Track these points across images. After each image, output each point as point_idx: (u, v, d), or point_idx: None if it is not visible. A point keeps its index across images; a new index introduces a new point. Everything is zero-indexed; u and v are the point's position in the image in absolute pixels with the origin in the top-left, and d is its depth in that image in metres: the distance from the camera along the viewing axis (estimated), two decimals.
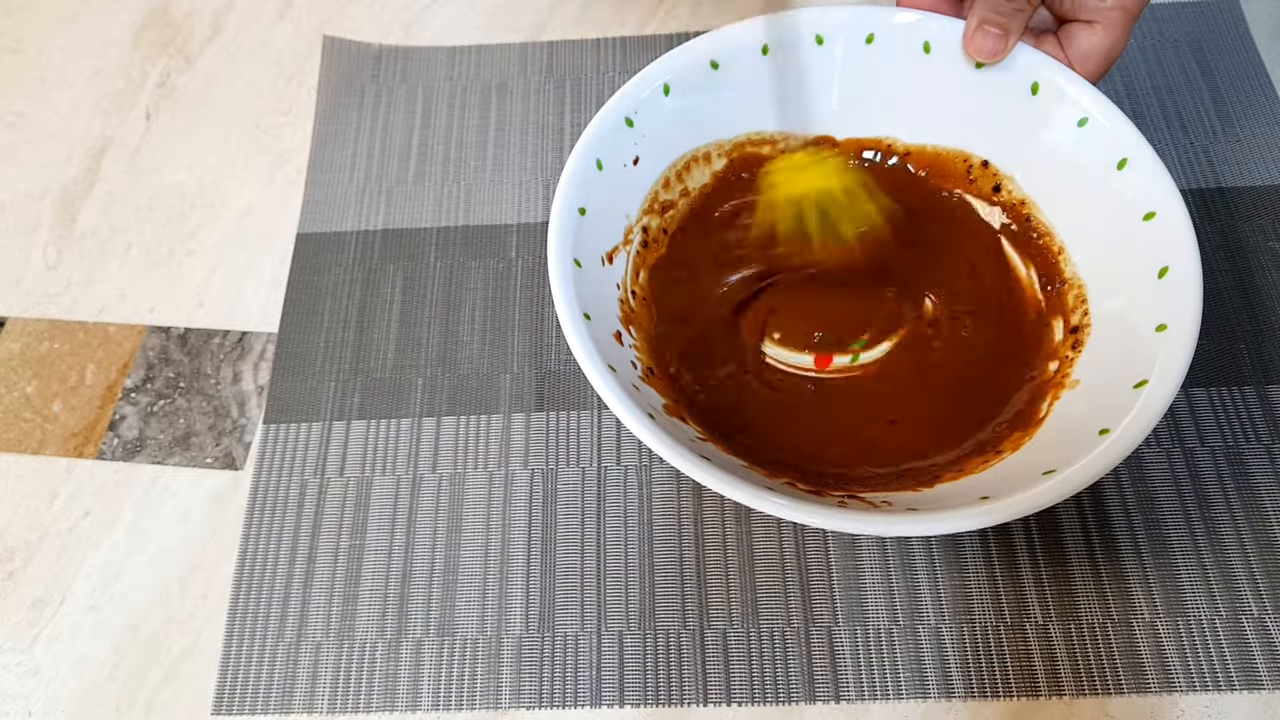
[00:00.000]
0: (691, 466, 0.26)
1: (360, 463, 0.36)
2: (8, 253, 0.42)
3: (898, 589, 0.32)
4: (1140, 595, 0.31)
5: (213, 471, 0.36)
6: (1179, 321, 0.28)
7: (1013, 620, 0.31)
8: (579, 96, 0.43)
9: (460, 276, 0.39)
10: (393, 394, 0.37)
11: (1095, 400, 0.29)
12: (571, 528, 0.34)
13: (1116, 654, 0.30)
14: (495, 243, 0.40)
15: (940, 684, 0.30)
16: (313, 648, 0.32)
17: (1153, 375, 0.27)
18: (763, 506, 0.26)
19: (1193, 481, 0.33)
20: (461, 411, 0.36)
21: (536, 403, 0.36)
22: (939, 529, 0.26)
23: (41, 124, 0.45)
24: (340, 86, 0.44)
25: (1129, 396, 0.27)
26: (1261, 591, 0.31)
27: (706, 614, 0.32)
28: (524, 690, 0.31)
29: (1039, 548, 0.32)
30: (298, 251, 0.40)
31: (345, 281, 0.40)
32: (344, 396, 0.37)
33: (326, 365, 0.38)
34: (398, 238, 0.40)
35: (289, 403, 0.37)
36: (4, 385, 0.39)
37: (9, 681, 0.33)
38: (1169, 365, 0.27)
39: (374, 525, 0.34)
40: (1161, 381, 0.27)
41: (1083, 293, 0.32)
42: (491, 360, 0.37)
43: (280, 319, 0.39)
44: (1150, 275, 0.29)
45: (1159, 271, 0.29)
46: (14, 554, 0.35)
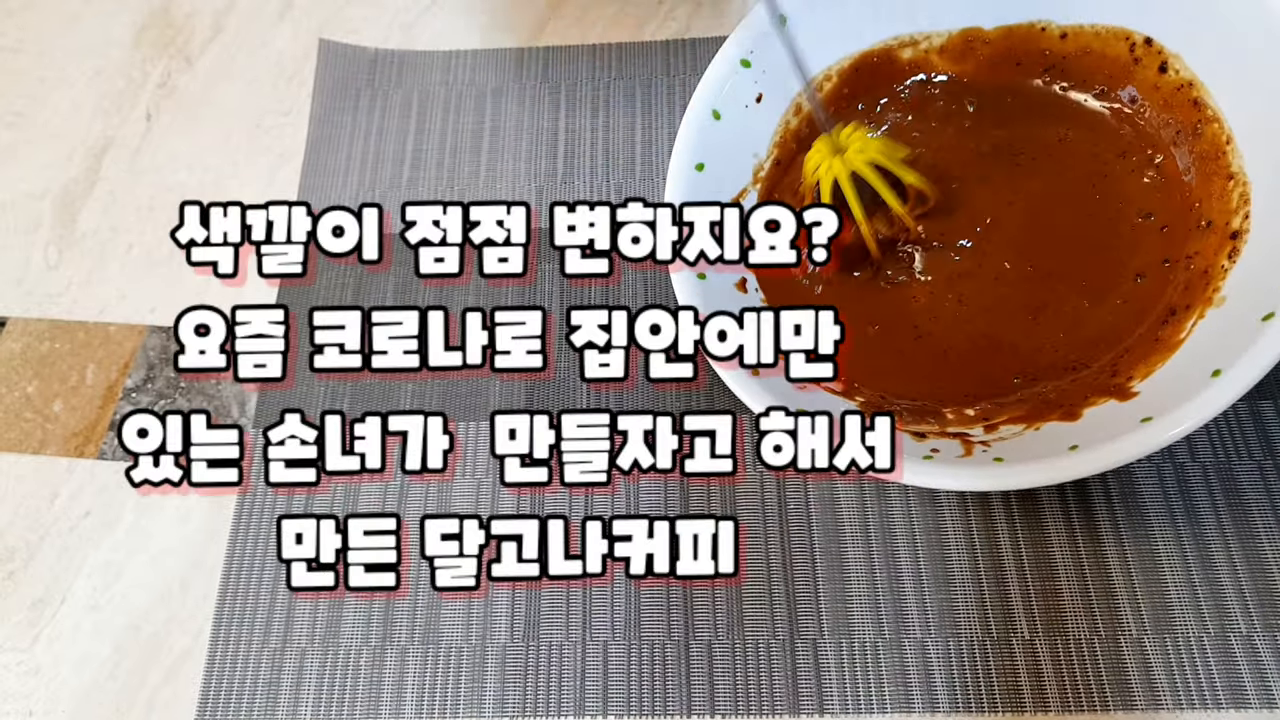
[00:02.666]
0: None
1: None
2: (8, 253, 0.42)
3: (884, 602, 0.32)
4: (1128, 612, 0.31)
5: None
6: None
7: (999, 635, 0.31)
8: (574, 102, 0.43)
9: (453, 284, 0.39)
10: (381, 396, 0.37)
11: (1224, 329, 0.27)
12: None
13: (1103, 671, 0.30)
14: None
15: (925, 698, 0.30)
16: (297, 654, 0.33)
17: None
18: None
19: (1183, 497, 0.33)
20: (451, 416, 0.36)
21: (525, 407, 0.36)
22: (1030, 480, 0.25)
23: (42, 124, 0.45)
24: (336, 90, 0.44)
25: (1253, 330, 0.25)
26: (1250, 609, 0.31)
27: (692, 626, 0.32)
28: (508, 700, 0.31)
29: (1026, 561, 0.32)
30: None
31: (337, 286, 0.40)
32: (333, 401, 0.37)
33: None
34: (389, 243, 0.40)
35: (276, 405, 0.37)
36: (5, 385, 0.39)
37: (9, 681, 0.33)
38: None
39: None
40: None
41: (1247, 192, 0.30)
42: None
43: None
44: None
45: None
46: (15, 554, 0.36)
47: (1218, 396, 0.25)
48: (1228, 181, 0.31)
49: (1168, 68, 0.33)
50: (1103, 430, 0.27)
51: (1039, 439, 0.29)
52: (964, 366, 0.32)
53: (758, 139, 0.34)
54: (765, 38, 0.33)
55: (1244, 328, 0.26)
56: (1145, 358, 0.30)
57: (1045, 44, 0.35)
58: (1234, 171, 0.31)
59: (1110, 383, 0.30)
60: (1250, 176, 0.30)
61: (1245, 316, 0.27)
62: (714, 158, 0.32)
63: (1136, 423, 0.26)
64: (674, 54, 0.43)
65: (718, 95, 0.32)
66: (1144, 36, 0.33)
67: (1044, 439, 0.29)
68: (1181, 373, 0.28)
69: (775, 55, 0.33)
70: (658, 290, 0.37)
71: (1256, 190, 0.30)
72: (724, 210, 0.26)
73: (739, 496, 0.34)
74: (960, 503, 0.33)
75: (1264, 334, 0.26)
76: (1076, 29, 0.35)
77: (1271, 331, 0.25)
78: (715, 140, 0.32)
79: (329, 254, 0.28)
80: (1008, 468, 0.26)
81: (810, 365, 0.26)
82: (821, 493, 0.34)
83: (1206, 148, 0.32)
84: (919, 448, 0.29)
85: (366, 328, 0.27)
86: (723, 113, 0.32)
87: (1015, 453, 0.28)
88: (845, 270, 0.34)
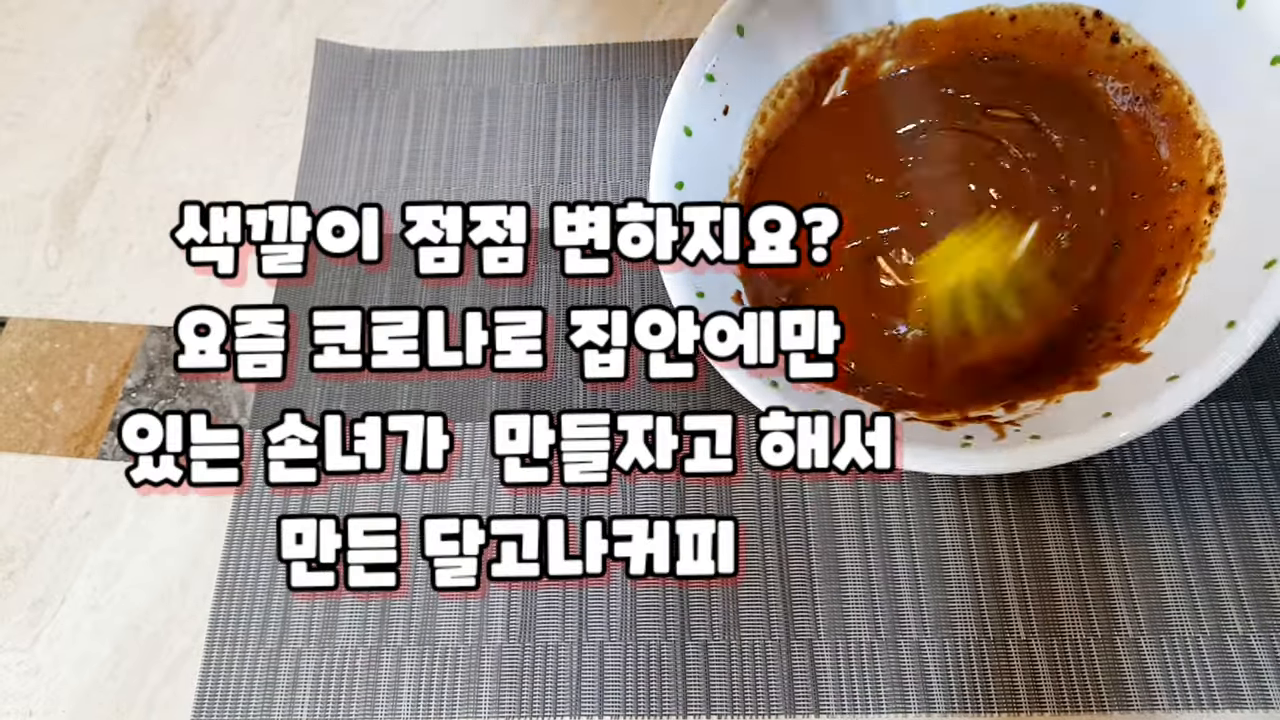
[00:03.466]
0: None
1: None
2: (8, 253, 0.42)
3: (880, 601, 0.32)
4: (1124, 612, 0.31)
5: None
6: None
7: (995, 635, 0.31)
8: (572, 102, 0.43)
9: (449, 284, 0.39)
10: (378, 396, 0.37)
11: (1223, 282, 0.28)
12: None
13: (1099, 671, 0.30)
14: None
15: (921, 698, 0.30)
16: (294, 655, 0.33)
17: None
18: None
19: (1179, 497, 0.33)
20: (448, 416, 0.37)
21: (523, 407, 0.36)
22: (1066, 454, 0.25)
23: (42, 124, 0.45)
24: (333, 91, 0.44)
25: (1258, 279, 0.26)
26: (1246, 609, 0.31)
27: (688, 626, 0.32)
28: (504, 700, 0.32)
29: (1022, 561, 0.32)
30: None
31: (333, 286, 0.40)
32: (329, 400, 0.38)
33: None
34: (386, 243, 0.40)
35: (275, 405, 0.37)
36: (5, 385, 0.39)
37: (9, 681, 0.33)
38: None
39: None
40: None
41: (1217, 148, 0.30)
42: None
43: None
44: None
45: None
46: (14, 554, 0.36)
47: (1239, 344, 0.26)
48: (1195, 140, 0.31)
49: (1119, 37, 0.34)
50: (1129, 394, 0.27)
51: (1065, 412, 0.29)
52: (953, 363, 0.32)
53: (729, 151, 0.35)
54: (725, 51, 0.34)
55: (1248, 277, 0.27)
56: (1146, 319, 0.30)
57: (995, 28, 0.36)
58: (1200, 130, 0.31)
59: (1117, 346, 0.30)
60: (1218, 133, 0.31)
61: (1245, 266, 0.27)
62: (691, 174, 0.32)
63: (1163, 382, 0.26)
64: (671, 54, 0.43)
65: (687, 112, 0.33)
66: (1093, 10, 0.34)
67: (1071, 411, 0.29)
68: (1193, 329, 0.28)
69: (737, 67, 0.34)
70: (657, 290, 0.37)
71: (1227, 145, 0.30)
72: (724, 210, 0.27)
73: (736, 497, 0.34)
74: (956, 501, 0.33)
75: (1271, 280, 0.26)
76: (1025, 10, 0.35)
77: (1278, 276, 0.26)
78: (690, 156, 0.33)
79: (329, 254, 0.28)
80: (1045, 444, 0.26)
81: (810, 365, 0.26)
82: (818, 493, 0.34)
83: (1169, 109, 0.32)
84: (951, 436, 0.29)
85: (366, 328, 0.27)
86: (694, 129, 0.33)
87: (1049, 428, 0.28)
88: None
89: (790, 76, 0.36)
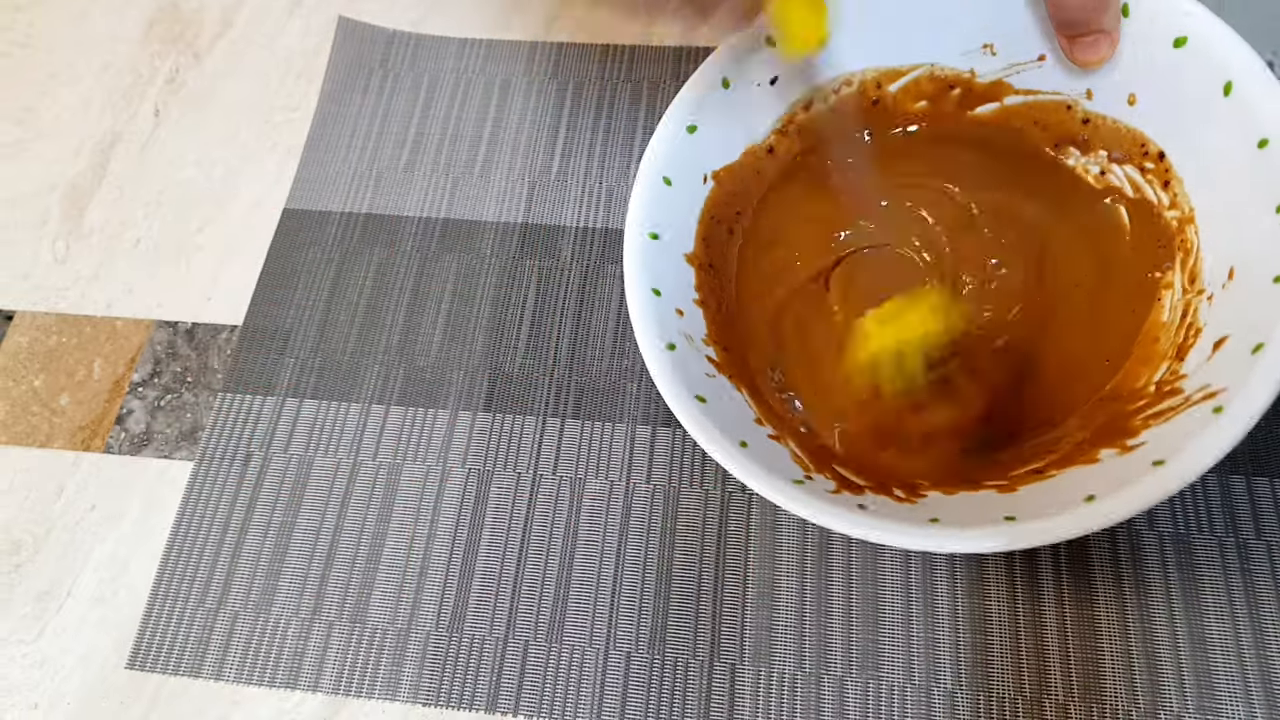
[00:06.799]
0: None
1: (306, 442, 0.36)
2: (17, 247, 0.42)
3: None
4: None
5: None
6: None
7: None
8: (580, 100, 0.43)
9: (432, 269, 0.39)
10: (349, 377, 0.37)
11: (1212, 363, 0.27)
12: (497, 532, 0.34)
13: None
14: (471, 239, 0.40)
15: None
16: (230, 616, 0.33)
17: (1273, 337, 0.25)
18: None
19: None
20: (410, 403, 0.37)
21: (485, 403, 0.36)
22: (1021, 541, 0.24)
23: (51, 119, 0.45)
24: (350, 68, 0.45)
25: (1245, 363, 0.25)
26: (1186, 693, 0.29)
27: (613, 637, 0.32)
28: (423, 686, 0.32)
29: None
30: (281, 226, 0.41)
31: (321, 261, 0.40)
32: (301, 374, 0.38)
33: (290, 341, 0.38)
34: (379, 223, 0.41)
35: (248, 374, 0.38)
36: (12, 379, 0.39)
37: (15, 673, 0.33)
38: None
39: (308, 504, 0.35)
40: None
41: (1196, 230, 0.30)
42: (448, 355, 0.38)
43: (254, 289, 0.40)
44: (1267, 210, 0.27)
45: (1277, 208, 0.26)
46: (21, 547, 0.36)
47: (1230, 427, 0.24)
48: (1174, 223, 0.31)
49: (1090, 121, 0.33)
50: (1107, 480, 0.26)
51: (1054, 487, 0.28)
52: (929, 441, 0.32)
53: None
54: (709, 102, 0.32)
55: (1238, 362, 0.26)
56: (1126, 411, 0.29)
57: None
58: (1184, 213, 0.31)
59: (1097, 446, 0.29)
60: (1199, 216, 0.30)
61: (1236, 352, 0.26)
62: (665, 223, 0.31)
63: (1149, 466, 0.25)
64: (685, 60, 0.43)
65: (668, 163, 0.32)
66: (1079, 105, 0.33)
67: (1060, 487, 0.27)
68: (1184, 418, 0.27)
69: (720, 116, 0.33)
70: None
71: (1205, 227, 0.30)
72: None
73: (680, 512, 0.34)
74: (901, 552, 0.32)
75: (1259, 364, 0.25)
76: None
77: (1267, 358, 0.25)
78: (666, 206, 0.32)
79: None
80: (1021, 524, 0.25)
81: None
82: (764, 514, 0.33)
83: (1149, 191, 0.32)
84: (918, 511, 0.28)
85: None
86: (673, 179, 0.32)
87: (1029, 508, 0.27)
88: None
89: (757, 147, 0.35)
